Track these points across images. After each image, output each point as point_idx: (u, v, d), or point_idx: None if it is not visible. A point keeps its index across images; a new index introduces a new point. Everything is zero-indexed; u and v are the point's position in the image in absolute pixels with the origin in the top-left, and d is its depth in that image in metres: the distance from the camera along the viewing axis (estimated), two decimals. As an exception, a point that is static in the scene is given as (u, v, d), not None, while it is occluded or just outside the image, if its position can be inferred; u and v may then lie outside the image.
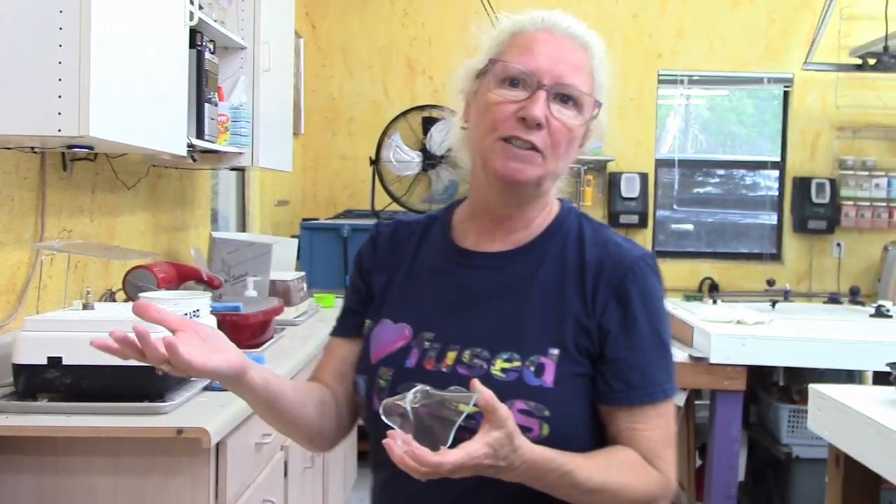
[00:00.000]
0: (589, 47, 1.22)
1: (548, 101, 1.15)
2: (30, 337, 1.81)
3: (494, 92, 1.16)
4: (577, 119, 1.18)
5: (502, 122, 1.14)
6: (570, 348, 1.14)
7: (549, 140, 1.15)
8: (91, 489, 1.73)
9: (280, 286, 3.28)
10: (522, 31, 1.19)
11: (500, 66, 1.17)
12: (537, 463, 1.01)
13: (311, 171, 5.96)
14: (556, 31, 1.19)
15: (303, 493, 2.60)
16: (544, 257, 1.21)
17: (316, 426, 1.24)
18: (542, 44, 1.17)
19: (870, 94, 5.80)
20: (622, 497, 1.09)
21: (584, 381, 1.14)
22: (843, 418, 2.06)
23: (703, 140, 6.41)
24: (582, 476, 1.05)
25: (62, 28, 1.70)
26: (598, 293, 1.16)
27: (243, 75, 2.99)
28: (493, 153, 1.15)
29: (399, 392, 1.07)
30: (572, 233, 1.24)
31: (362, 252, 1.32)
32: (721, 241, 6.23)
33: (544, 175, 1.17)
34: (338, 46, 5.89)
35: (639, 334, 1.15)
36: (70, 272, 2.38)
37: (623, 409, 1.14)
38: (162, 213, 3.14)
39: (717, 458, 3.34)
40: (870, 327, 3.61)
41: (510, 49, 1.18)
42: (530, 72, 1.15)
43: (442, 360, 1.16)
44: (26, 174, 2.18)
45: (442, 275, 1.24)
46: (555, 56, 1.17)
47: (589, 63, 1.21)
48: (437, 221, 1.31)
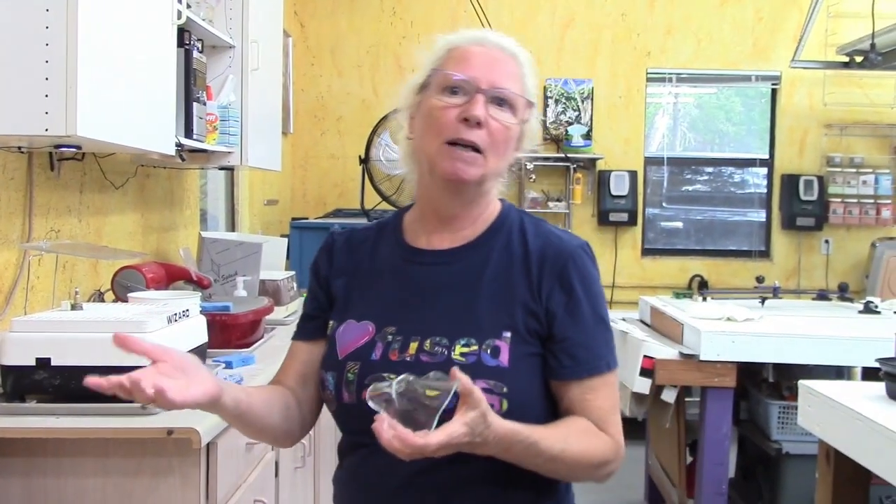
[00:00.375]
0: (517, 57, 1.33)
1: (486, 104, 1.26)
2: (18, 338, 1.79)
3: (437, 98, 1.28)
4: (513, 119, 1.29)
5: (446, 125, 1.26)
6: (521, 331, 1.26)
7: (488, 139, 1.26)
8: (81, 491, 1.72)
9: (270, 286, 3.27)
10: (458, 46, 1.31)
11: (441, 75, 1.29)
12: (506, 436, 1.11)
13: (301, 170, 5.95)
14: (488, 44, 1.31)
15: (294, 493, 2.59)
16: (491, 251, 1.32)
17: (282, 430, 1.35)
18: (476, 55, 1.29)
19: (857, 91, 5.83)
20: (580, 461, 1.21)
21: (536, 360, 1.26)
22: (832, 414, 2.07)
23: (691, 138, 6.43)
24: (545, 445, 1.16)
25: (49, 27, 1.69)
26: (543, 280, 1.28)
27: (232, 74, 2.98)
28: (439, 156, 1.26)
29: (373, 381, 1.17)
30: (515, 227, 1.35)
31: (318, 261, 1.42)
32: (710, 239, 6.25)
33: (486, 173, 1.28)
34: (326, 45, 5.89)
35: (581, 315, 1.28)
36: (58, 273, 2.37)
37: (573, 382, 1.26)
38: (151, 212, 3.13)
39: (707, 454, 3.35)
40: (858, 323, 3.63)
41: (448, 61, 1.30)
42: (468, 78, 1.27)
43: (405, 351, 1.26)
44: (13, 174, 2.16)
45: (398, 273, 1.34)
46: (489, 64, 1.29)
47: (519, 70, 1.32)
48: (389, 226, 1.42)
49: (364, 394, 1.19)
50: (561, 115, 5.83)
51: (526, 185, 5.79)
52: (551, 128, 5.82)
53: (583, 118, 5.84)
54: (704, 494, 3.35)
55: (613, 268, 5.94)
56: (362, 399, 1.23)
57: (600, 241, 5.97)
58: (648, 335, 3.67)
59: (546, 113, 5.82)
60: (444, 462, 1.15)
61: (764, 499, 3.59)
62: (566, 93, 5.83)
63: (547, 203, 5.83)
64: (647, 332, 3.77)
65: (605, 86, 5.93)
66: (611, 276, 5.92)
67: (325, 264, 1.41)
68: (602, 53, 5.92)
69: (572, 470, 1.22)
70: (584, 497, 1.40)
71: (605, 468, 1.24)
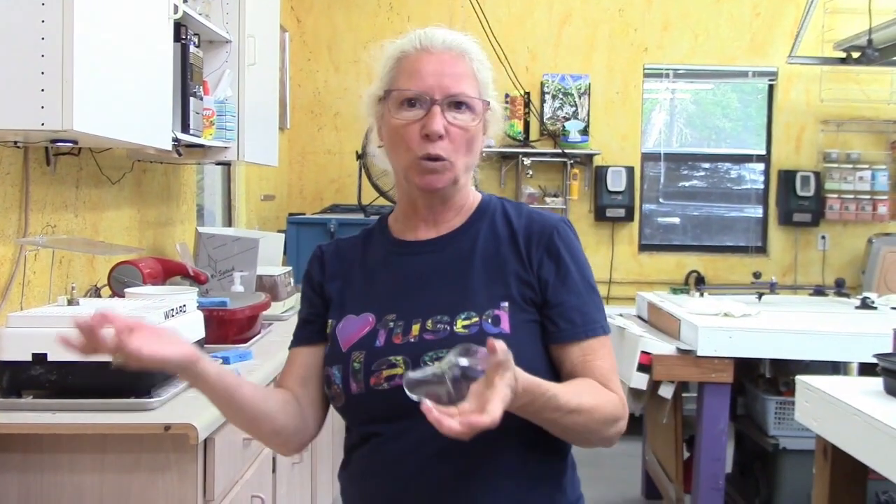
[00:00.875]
0: (466, 53, 1.35)
1: (443, 113, 1.30)
2: (14, 333, 1.79)
3: (396, 117, 1.32)
4: (473, 120, 1.33)
5: (411, 143, 1.31)
6: (517, 300, 1.31)
7: (451, 147, 1.31)
8: (78, 486, 1.72)
9: (267, 281, 3.26)
10: (406, 56, 1.34)
11: (395, 93, 1.33)
12: (529, 387, 1.13)
13: (298, 165, 5.94)
14: (435, 49, 1.34)
15: (291, 489, 2.59)
16: (478, 234, 1.37)
17: (279, 423, 1.33)
18: (425, 64, 1.32)
19: (854, 87, 5.83)
20: (594, 416, 1.24)
21: (535, 326, 1.31)
22: (829, 409, 2.07)
23: (688, 134, 6.43)
24: (563, 399, 1.19)
25: (45, 21, 1.68)
26: (532, 252, 1.34)
27: (228, 69, 2.98)
28: (411, 171, 1.32)
29: (374, 369, 1.25)
30: (498, 212, 1.40)
31: (310, 270, 1.45)
32: (707, 235, 6.25)
33: (457, 175, 1.33)
34: (323, 41, 5.87)
35: (572, 280, 1.33)
36: (54, 268, 2.36)
37: (573, 344, 1.31)
38: (147, 208, 3.12)
39: (704, 450, 3.35)
40: (855, 319, 3.63)
41: (399, 75, 1.34)
42: (422, 92, 1.30)
43: (408, 333, 1.29)
44: (9, 169, 2.16)
45: (391, 266, 1.38)
46: (438, 72, 1.31)
47: (469, 67, 1.35)
48: (374, 229, 1.46)
49: (373, 380, 1.25)
50: (558, 111, 5.82)
51: (523, 180, 5.78)
52: (548, 123, 5.81)
53: (580, 114, 5.84)
54: (701, 490, 3.36)
55: (610, 263, 5.94)
56: (371, 386, 1.26)
57: (597, 236, 5.97)
58: (646, 331, 3.67)
59: (543, 108, 5.82)
60: (456, 447, 1.16)
61: (761, 494, 3.59)
62: (563, 88, 5.82)
63: (544, 199, 5.83)
64: (644, 328, 3.77)
65: (603, 81, 5.93)
66: (608, 271, 5.92)
67: (318, 272, 1.43)
68: (599, 49, 5.92)
69: (587, 426, 1.23)
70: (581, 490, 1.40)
71: (615, 425, 1.27)
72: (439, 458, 1.24)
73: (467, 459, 1.24)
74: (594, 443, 1.28)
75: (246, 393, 1.28)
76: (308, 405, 1.37)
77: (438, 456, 1.24)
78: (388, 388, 1.26)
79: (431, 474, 1.25)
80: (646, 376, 3.35)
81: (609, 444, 1.30)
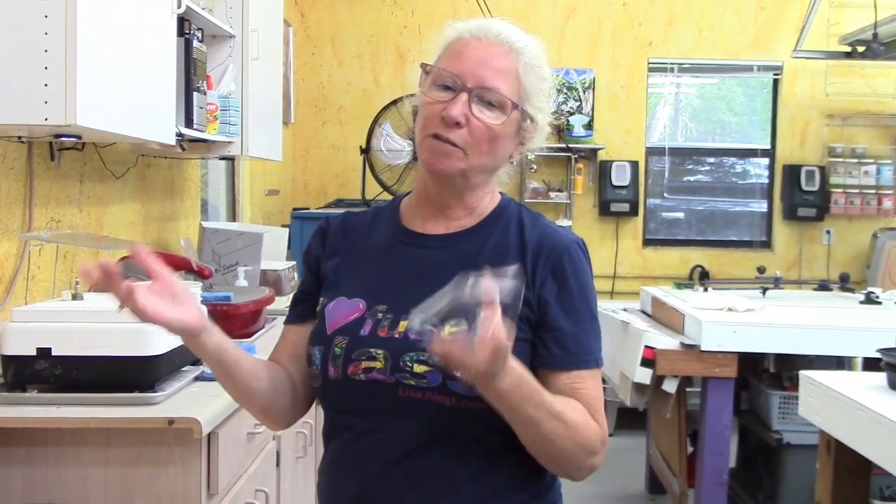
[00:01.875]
0: (518, 52, 1.30)
1: (469, 103, 1.25)
2: (18, 328, 1.80)
3: (426, 94, 1.29)
4: (499, 120, 1.27)
5: (429, 120, 1.27)
6: None
7: (468, 138, 1.26)
8: (82, 480, 1.73)
9: (271, 276, 3.27)
10: (459, 38, 1.30)
11: (435, 71, 1.29)
12: (519, 370, 1.12)
13: (302, 160, 5.94)
14: (486, 38, 1.29)
15: (295, 483, 2.60)
16: (488, 238, 1.32)
17: (269, 398, 1.34)
18: (471, 49, 1.28)
19: (859, 81, 5.81)
20: (573, 434, 1.19)
21: (526, 346, 1.26)
22: (833, 404, 2.07)
23: (693, 128, 6.42)
24: (548, 398, 1.16)
25: (48, 16, 1.68)
26: (538, 269, 1.29)
27: (232, 64, 2.97)
28: (422, 147, 1.29)
29: (354, 358, 1.24)
30: (513, 219, 1.35)
31: (311, 245, 1.42)
32: (711, 229, 6.24)
33: (467, 169, 1.28)
34: (327, 35, 5.87)
35: (573, 307, 1.28)
36: (59, 262, 2.37)
37: (561, 372, 1.26)
38: (151, 202, 3.12)
39: (708, 444, 3.35)
40: (859, 314, 3.63)
41: (446, 54, 1.30)
42: (456, 75, 1.26)
43: (394, 328, 1.25)
44: (13, 164, 2.16)
45: (393, 254, 1.35)
46: (480, 60, 1.27)
47: (515, 67, 1.29)
48: (386, 210, 1.42)
49: (350, 369, 1.24)
50: (562, 106, 5.81)
51: (527, 175, 5.78)
52: (552, 117, 5.80)
53: (584, 108, 5.83)
54: (705, 484, 3.36)
55: (614, 258, 5.93)
56: (348, 374, 1.25)
57: (601, 231, 5.96)
58: (649, 325, 3.67)
59: (547, 103, 5.81)
60: (430, 443, 1.20)
61: (764, 489, 3.59)
62: (567, 83, 5.82)
63: (548, 193, 5.82)
64: (648, 323, 3.77)
65: (607, 76, 5.91)
66: (612, 266, 5.91)
67: (318, 246, 1.41)
68: (603, 43, 5.91)
69: (564, 443, 1.19)
70: (583, 487, 1.40)
71: (592, 457, 1.23)
72: (406, 457, 1.23)
73: (434, 461, 1.23)
74: (565, 467, 1.24)
75: (244, 370, 1.29)
76: (299, 381, 1.37)
77: (406, 456, 1.23)
78: (365, 379, 1.24)
79: (398, 473, 1.24)
80: (649, 371, 3.35)
81: (578, 475, 1.24)
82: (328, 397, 1.32)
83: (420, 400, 1.21)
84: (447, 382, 1.20)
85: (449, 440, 1.22)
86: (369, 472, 1.26)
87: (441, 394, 1.21)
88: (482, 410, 1.18)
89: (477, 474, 1.25)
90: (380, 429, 1.25)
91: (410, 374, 1.21)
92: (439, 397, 1.21)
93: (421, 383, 1.21)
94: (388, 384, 1.23)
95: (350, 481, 1.28)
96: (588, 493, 4.02)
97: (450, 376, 1.18)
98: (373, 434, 1.25)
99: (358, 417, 1.27)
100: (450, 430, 1.22)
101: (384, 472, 1.24)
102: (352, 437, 1.28)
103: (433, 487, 1.24)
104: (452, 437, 1.23)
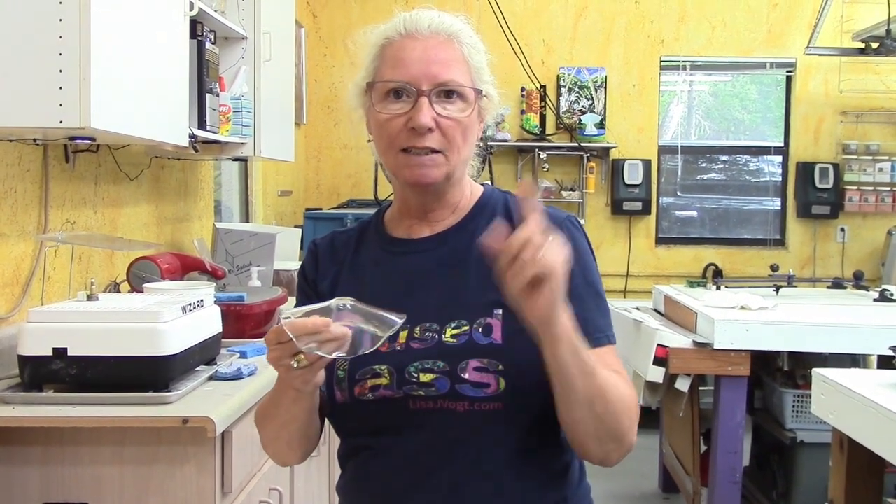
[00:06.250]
0: (455, 36, 1.25)
1: (432, 104, 1.20)
2: (35, 328, 1.81)
3: (380, 110, 1.22)
4: (466, 110, 1.23)
5: (396, 136, 1.21)
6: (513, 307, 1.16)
7: (444, 139, 1.21)
8: (97, 479, 1.74)
9: (284, 276, 3.28)
10: (390, 42, 1.25)
11: (379, 85, 1.23)
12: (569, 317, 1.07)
13: (314, 160, 5.96)
14: (419, 32, 1.24)
15: (309, 482, 2.61)
16: (475, 231, 1.25)
17: (304, 431, 1.27)
18: (409, 50, 1.22)
19: (873, 77, 5.78)
20: (609, 390, 1.12)
21: (531, 335, 1.17)
22: (847, 402, 2.07)
23: (706, 126, 6.40)
24: (585, 353, 1.10)
25: (62, 19, 1.70)
26: None
27: (244, 65, 2.99)
28: (397, 165, 1.23)
29: (359, 378, 1.20)
30: (499, 206, 1.31)
31: (305, 267, 1.38)
32: (725, 228, 6.22)
33: (451, 170, 1.24)
34: (339, 36, 5.88)
35: (574, 285, 1.16)
36: (74, 263, 2.39)
37: None
38: (165, 204, 3.14)
39: (721, 443, 3.34)
40: (873, 312, 3.61)
41: (384, 64, 1.24)
42: (407, 82, 1.20)
43: (395, 341, 1.21)
44: (29, 166, 2.18)
45: (383, 265, 1.30)
46: (425, 59, 1.21)
47: (459, 52, 1.24)
48: (370, 224, 1.38)
49: (357, 390, 1.19)
50: (574, 104, 5.81)
51: (539, 174, 5.78)
52: (564, 116, 5.80)
53: (596, 107, 5.82)
54: (718, 483, 3.35)
55: (627, 257, 5.92)
56: (355, 396, 1.21)
57: (614, 230, 5.96)
58: (662, 324, 3.66)
59: (559, 102, 5.81)
60: (449, 454, 1.16)
61: (778, 487, 3.58)
62: (579, 81, 5.81)
63: (560, 192, 5.82)
64: (660, 321, 3.76)
65: (619, 74, 5.90)
66: (624, 265, 5.90)
67: (311, 268, 1.36)
68: (615, 41, 5.90)
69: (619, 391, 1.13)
70: (598, 486, 1.38)
71: (632, 427, 1.16)
72: (429, 475, 1.19)
73: (457, 473, 1.18)
74: (607, 438, 1.15)
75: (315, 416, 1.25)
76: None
77: (428, 473, 1.19)
78: (373, 398, 1.20)
79: (427, 487, 1.19)
80: (662, 370, 3.34)
81: (617, 451, 1.16)
82: (339, 422, 1.28)
83: (432, 410, 1.18)
84: (456, 387, 1.17)
85: (468, 448, 1.17)
86: (394, 491, 1.22)
87: (452, 400, 1.17)
88: (497, 410, 1.16)
89: (505, 484, 1.19)
90: (397, 446, 1.21)
91: (417, 384, 1.18)
92: (451, 403, 1.17)
93: (430, 392, 1.17)
94: (397, 399, 1.19)
95: (376, 501, 1.25)
96: (601, 491, 4.00)
97: (458, 380, 1.16)
98: (391, 452, 1.21)
99: (373, 438, 1.23)
100: (467, 437, 1.18)
101: (410, 488, 1.20)
102: (370, 455, 1.24)
103: (457, 500, 1.19)
104: (471, 444, 1.18)
